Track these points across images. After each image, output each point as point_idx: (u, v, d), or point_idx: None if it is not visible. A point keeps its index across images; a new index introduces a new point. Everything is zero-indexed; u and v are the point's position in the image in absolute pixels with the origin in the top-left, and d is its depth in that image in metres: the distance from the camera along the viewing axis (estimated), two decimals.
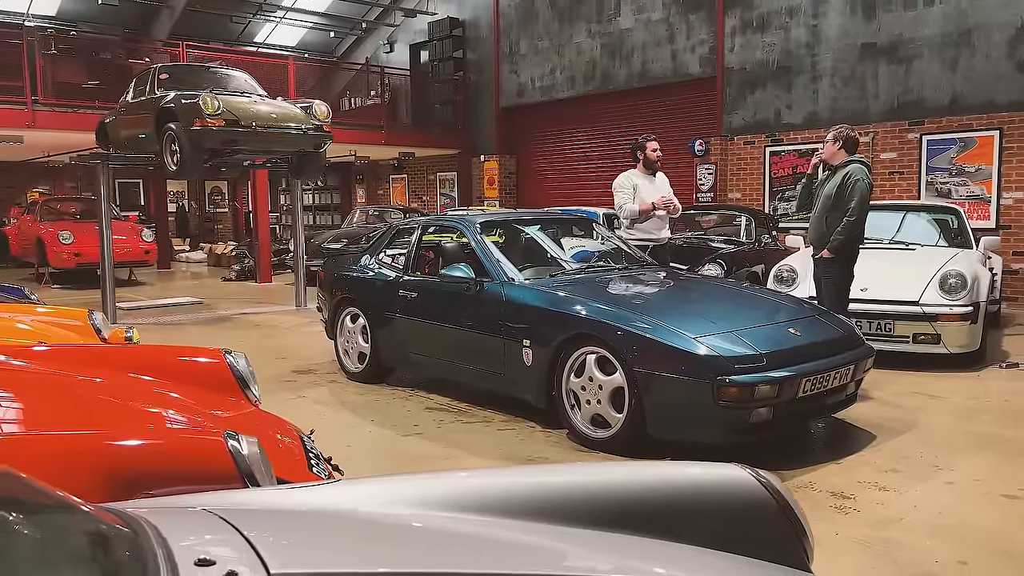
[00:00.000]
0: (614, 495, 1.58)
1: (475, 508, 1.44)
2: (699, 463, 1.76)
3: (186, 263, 19.82)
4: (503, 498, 1.48)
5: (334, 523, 1.25)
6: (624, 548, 1.46)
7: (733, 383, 3.97)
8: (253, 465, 2.06)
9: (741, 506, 1.64)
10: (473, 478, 1.60)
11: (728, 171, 12.60)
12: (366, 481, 1.54)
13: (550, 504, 1.50)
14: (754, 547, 1.60)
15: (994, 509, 3.59)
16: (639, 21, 13.75)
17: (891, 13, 10.69)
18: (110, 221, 9.93)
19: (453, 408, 5.40)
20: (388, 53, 19.12)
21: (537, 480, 1.61)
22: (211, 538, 1.13)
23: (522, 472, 1.78)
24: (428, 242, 6.32)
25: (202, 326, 9.31)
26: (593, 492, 1.59)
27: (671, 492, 1.65)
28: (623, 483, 1.65)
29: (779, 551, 1.62)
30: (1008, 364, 6.59)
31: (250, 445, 2.10)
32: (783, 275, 7.13)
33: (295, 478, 2.45)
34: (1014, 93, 9.71)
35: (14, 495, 1.10)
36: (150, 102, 9.37)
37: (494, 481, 1.56)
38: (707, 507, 1.63)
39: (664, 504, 1.61)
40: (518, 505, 1.48)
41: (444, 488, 1.49)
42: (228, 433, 2.11)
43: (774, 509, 1.64)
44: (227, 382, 3.16)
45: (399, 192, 19.45)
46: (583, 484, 1.61)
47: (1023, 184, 9.74)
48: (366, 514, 1.33)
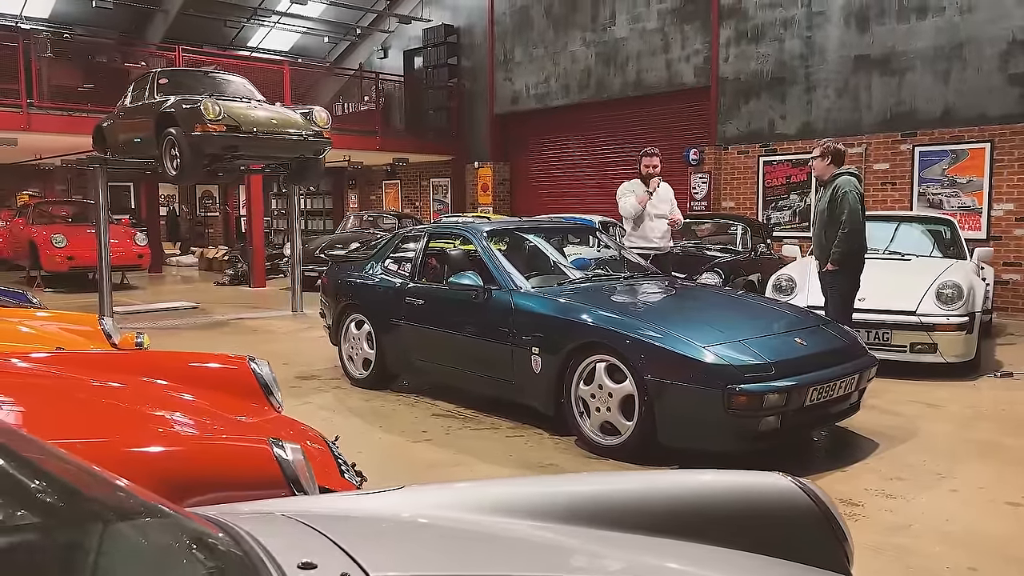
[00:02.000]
0: (667, 502, 1.63)
1: (535, 514, 1.49)
2: (742, 471, 1.82)
3: (177, 267, 19.75)
4: (564, 505, 1.53)
5: (413, 528, 1.29)
6: (682, 553, 1.52)
7: (743, 392, 4.03)
8: (298, 471, 2.10)
9: (785, 512, 1.69)
10: (531, 486, 1.65)
11: (722, 180, 12.72)
12: (429, 488, 1.59)
13: (607, 511, 1.55)
14: (798, 552, 1.66)
15: (999, 517, 3.67)
16: (634, 30, 13.87)
17: (884, 26, 10.85)
18: (107, 225, 9.90)
19: (460, 415, 5.44)
20: (382, 59, 19.16)
21: (593, 488, 1.66)
22: (303, 542, 1.18)
23: (578, 480, 1.83)
24: (433, 249, 6.36)
25: (199, 331, 9.30)
26: (647, 499, 1.64)
27: (718, 499, 1.70)
28: (673, 490, 1.70)
29: (822, 555, 1.68)
30: (1002, 373, 6.71)
31: (294, 452, 2.14)
32: (782, 284, 7.22)
33: (331, 484, 2.49)
34: (1005, 106, 9.88)
35: (116, 502, 1.14)
36: (149, 106, 9.38)
37: (553, 489, 1.61)
38: (753, 513, 1.69)
39: (713, 511, 1.67)
40: (579, 511, 1.53)
41: (506, 495, 1.54)
42: (273, 440, 2.15)
43: (817, 515, 1.70)
44: (251, 388, 3.19)
45: (392, 198, 19.47)
46: (636, 492, 1.66)
47: (1014, 196, 9.90)
48: (437, 520, 1.38)
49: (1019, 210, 9.89)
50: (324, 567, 1.09)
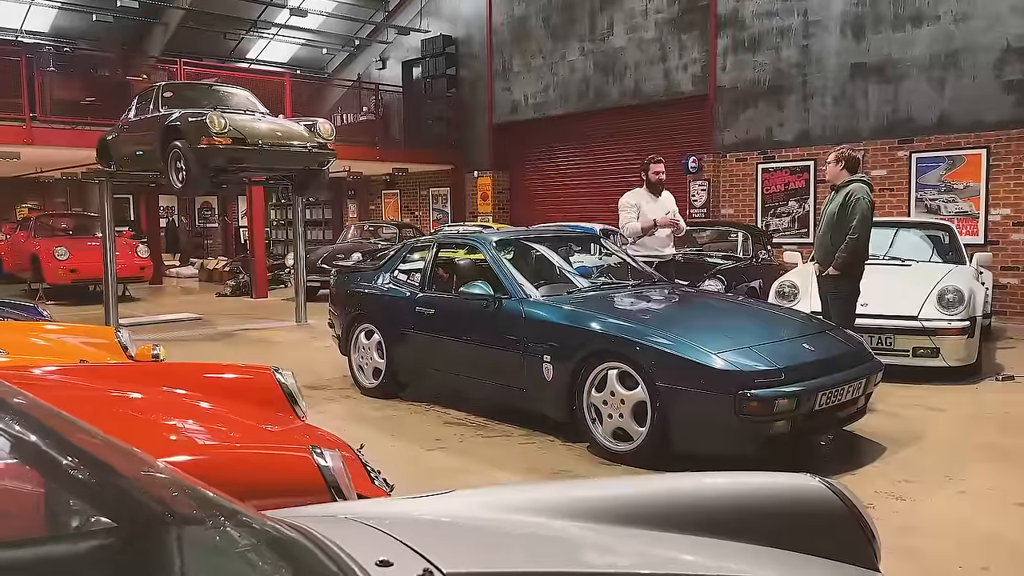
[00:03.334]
0: (702, 502, 1.71)
1: (579, 515, 1.56)
2: (773, 473, 1.89)
3: (177, 278, 19.78)
4: (606, 506, 1.60)
5: (472, 528, 1.36)
6: (720, 552, 1.59)
7: (754, 397, 4.11)
8: (339, 478, 2.17)
9: (816, 511, 1.77)
10: (572, 489, 1.72)
11: (721, 187, 12.83)
12: (477, 492, 1.66)
13: (646, 511, 1.62)
14: (829, 550, 1.74)
15: (1008, 517, 3.74)
16: (632, 40, 13.99)
17: (880, 34, 10.98)
18: (113, 238, 9.96)
19: (471, 422, 5.51)
20: (380, 70, 19.27)
21: (630, 490, 1.73)
22: (374, 542, 1.25)
23: (615, 483, 1.90)
24: (441, 259, 6.43)
25: (206, 342, 9.35)
26: (683, 499, 1.72)
27: (752, 499, 1.78)
28: (708, 491, 1.78)
29: (852, 553, 1.75)
30: (1004, 377, 6.80)
31: (334, 458, 2.21)
32: (784, 290, 7.31)
33: (363, 490, 2.56)
34: (1001, 113, 10.00)
35: (196, 505, 1.21)
36: (154, 120, 9.44)
37: (594, 492, 1.68)
38: (786, 513, 1.76)
39: (746, 510, 1.74)
40: (619, 512, 1.60)
41: (551, 498, 1.61)
42: (313, 448, 2.22)
43: (845, 514, 1.78)
44: (276, 398, 3.26)
45: (391, 207, 19.55)
46: (673, 492, 1.74)
47: (1010, 201, 10.02)
48: (492, 520, 1.45)
49: (1016, 215, 10.00)
50: (400, 565, 1.16)
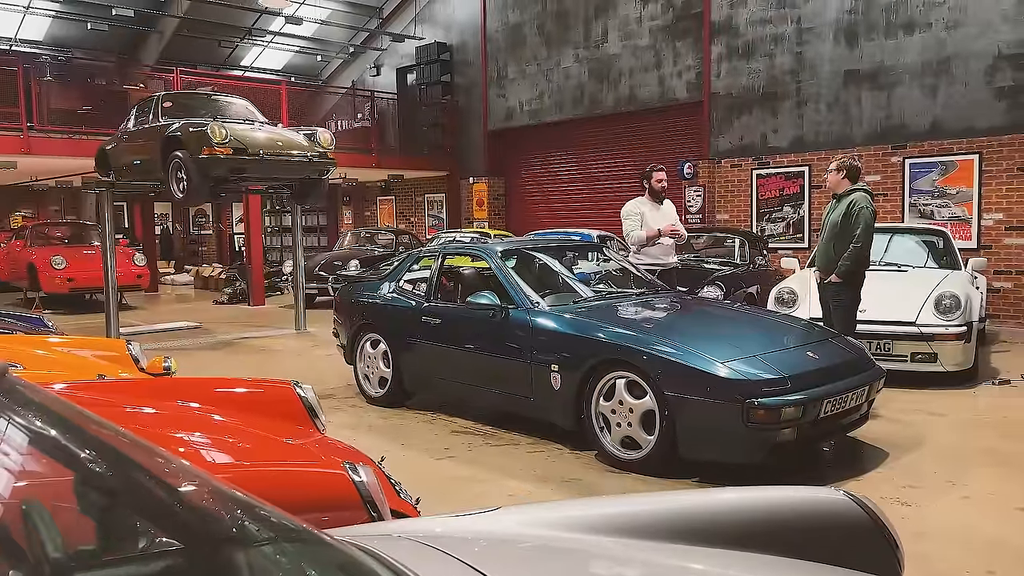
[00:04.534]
0: (737, 517, 1.77)
1: (622, 531, 1.62)
2: (800, 487, 1.96)
3: (172, 286, 19.75)
4: (645, 522, 1.67)
5: (533, 548, 1.42)
6: (753, 566, 1.66)
7: (762, 405, 4.18)
8: (373, 493, 2.22)
9: (842, 524, 1.84)
10: (611, 506, 1.78)
11: (716, 193, 12.93)
12: (523, 509, 1.72)
13: (684, 527, 1.69)
14: (855, 561, 1.80)
15: (1012, 522, 3.83)
16: (626, 47, 14.10)
17: (873, 41, 11.11)
18: (114, 247, 9.98)
19: (478, 431, 5.56)
20: (375, 76, 19.33)
21: (666, 506, 1.79)
22: (441, 564, 1.30)
23: (649, 499, 1.96)
24: (446, 269, 6.48)
25: (208, 351, 9.37)
26: (720, 515, 1.78)
27: (781, 513, 1.84)
28: (739, 505, 1.84)
29: (877, 564, 1.82)
30: (1000, 381, 6.90)
31: (367, 473, 2.27)
32: (784, 297, 7.39)
33: (392, 504, 2.61)
34: (992, 119, 10.13)
35: (267, 525, 1.26)
36: (154, 130, 9.48)
37: (632, 508, 1.75)
38: (813, 526, 1.83)
39: (775, 524, 1.81)
40: (658, 528, 1.66)
41: (597, 513, 1.68)
42: (347, 463, 2.28)
43: (871, 526, 1.85)
44: (297, 411, 3.31)
45: (387, 214, 19.59)
46: (712, 508, 1.80)
47: (1002, 206, 10.15)
48: (547, 539, 1.51)
49: (1008, 219, 10.13)
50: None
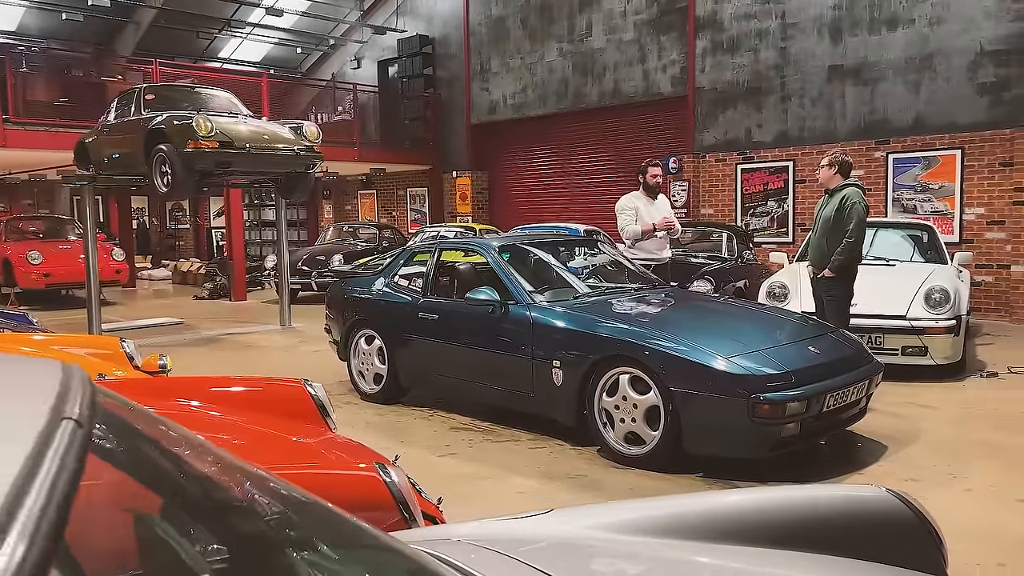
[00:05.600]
0: (788, 516, 1.77)
1: (677, 532, 1.61)
2: (845, 485, 1.96)
3: (149, 281, 19.49)
4: (696, 523, 1.66)
5: (598, 551, 1.40)
6: (807, 566, 1.65)
7: (767, 400, 4.19)
8: (405, 493, 2.19)
9: (888, 521, 1.84)
10: (666, 506, 1.76)
11: (701, 188, 12.98)
12: (576, 511, 1.70)
13: (740, 526, 1.68)
14: (902, 558, 1.81)
15: (1016, 513, 3.87)
16: (611, 41, 14.09)
17: (857, 37, 11.20)
18: (96, 242, 9.80)
19: (478, 427, 5.54)
20: (355, 69, 19.17)
21: (715, 506, 1.79)
22: (505, 567, 1.28)
23: (696, 499, 1.94)
24: (442, 264, 6.44)
25: (193, 348, 9.25)
26: (771, 514, 1.77)
27: (828, 511, 1.84)
28: (786, 505, 1.84)
29: (922, 560, 1.82)
30: (988, 373, 6.99)
31: (398, 474, 2.24)
32: (775, 291, 7.43)
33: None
34: (974, 114, 10.26)
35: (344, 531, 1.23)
36: (136, 123, 9.31)
37: (683, 510, 1.73)
38: (860, 523, 1.83)
39: (824, 522, 1.81)
40: (710, 528, 1.65)
41: (647, 515, 1.66)
42: (378, 464, 2.24)
43: (915, 522, 1.85)
44: (309, 410, 3.26)
45: (368, 208, 19.46)
46: (761, 507, 1.79)
47: (984, 200, 10.29)
48: (609, 542, 1.49)
49: (989, 214, 10.28)
50: None
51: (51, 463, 0.59)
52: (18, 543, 0.53)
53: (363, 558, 1.22)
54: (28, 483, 0.56)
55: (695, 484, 4.38)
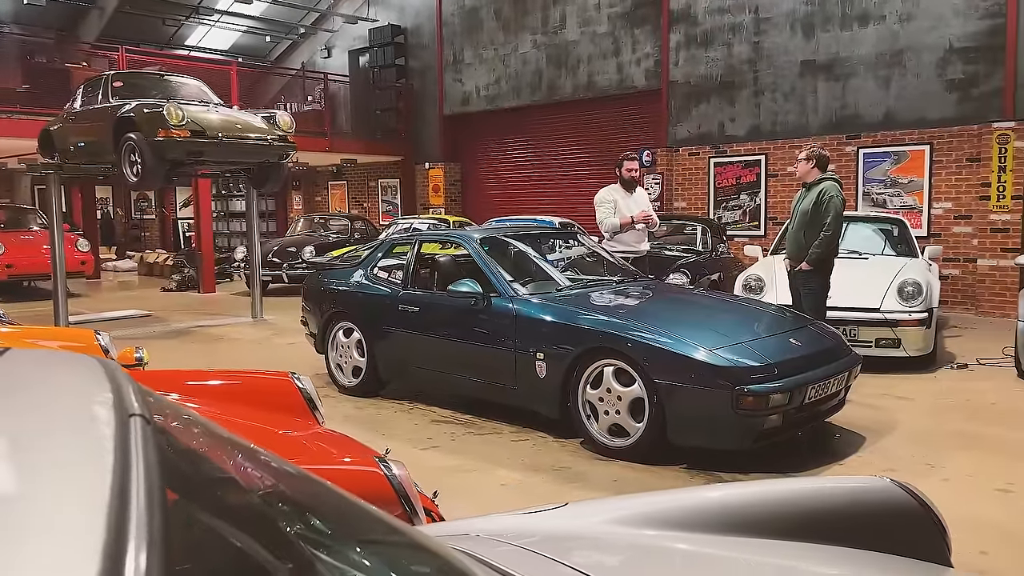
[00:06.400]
0: (796, 508, 1.77)
1: (700, 526, 1.60)
2: (849, 477, 1.97)
3: (114, 272, 19.11)
4: (711, 515, 1.65)
5: (618, 546, 1.39)
6: (820, 557, 1.65)
7: (751, 392, 4.22)
8: (407, 487, 2.16)
9: (894, 511, 1.85)
10: (672, 501, 1.76)
11: (674, 181, 13.05)
12: (590, 505, 1.68)
13: (752, 518, 1.68)
14: (906, 547, 1.82)
15: (993, 502, 3.95)
16: (585, 33, 14.08)
17: (829, 33, 11.31)
18: (62, 232, 9.59)
19: (459, 420, 5.51)
20: (326, 58, 18.95)
21: (730, 498, 1.78)
22: (540, 567, 1.26)
23: (707, 491, 1.94)
24: (423, 256, 6.38)
25: (164, 341, 9.08)
26: (773, 506, 1.77)
27: (835, 503, 1.85)
28: (794, 497, 1.84)
29: (926, 549, 1.84)
30: (958, 365, 7.12)
31: (399, 468, 2.21)
32: (751, 284, 7.48)
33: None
34: (943, 110, 10.43)
35: (360, 527, 1.20)
36: (104, 111, 9.11)
37: (693, 503, 1.73)
38: (864, 513, 1.84)
39: (831, 514, 1.82)
40: (725, 520, 1.65)
41: (660, 508, 1.65)
42: (379, 458, 2.21)
43: (920, 513, 1.87)
44: (297, 404, 3.22)
45: (339, 199, 19.27)
46: (771, 499, 1.79)
47: (952, 195, 10.47)
48: (627, 536, 1.48)
49: (956, 208, 10.46)
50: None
51: (138, 463, 0.56)
52: (139, 552, 0.50)
53: (390, 553, 1.19)
54: (126, 487, 0.53)
55: (679, 476, 4.41)
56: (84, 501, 0.52)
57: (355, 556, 1.07)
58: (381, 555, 1.13)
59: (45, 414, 0.64)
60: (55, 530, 0.51)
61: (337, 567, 1.04)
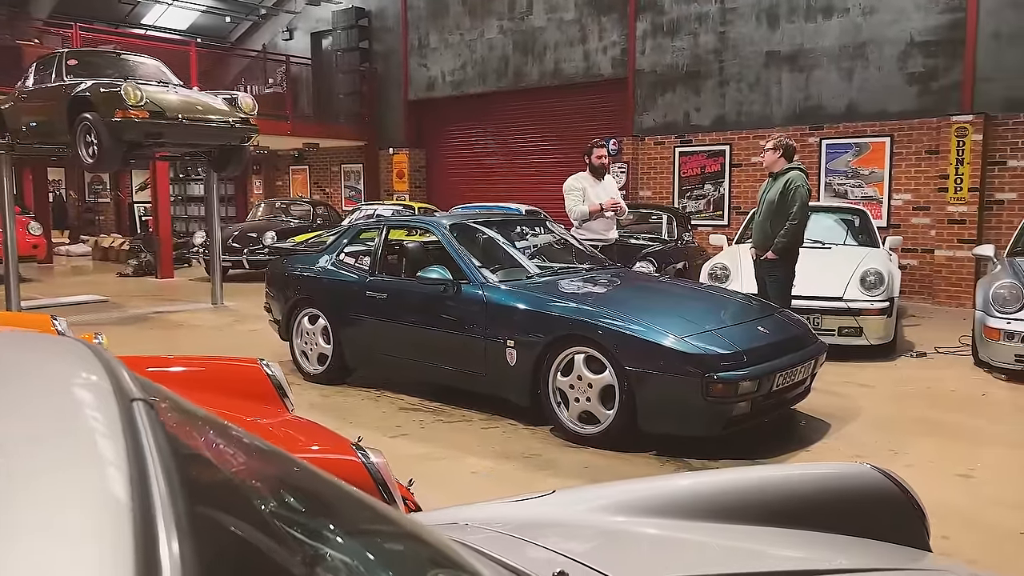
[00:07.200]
0: (775, 494, 1.77)
1: (684, 513, 1.59)
2: (831, 463, 1.97)
3: (67, 257, 18.62)
4: (703, 502, 1.64)
5: (607, 533, 1.36)
6: (801, 542, 1.65)
7: (720, 380, 4.25)
8: (384, 474, 2.12)
9: (875, 497, 1.86)
10: (657, 488, 1.74)
11: (639, 170, 13.09)
12: (577, 492, 1.66)
13: (734, 505, 1.68)
14: (886, 532, 1.83)
15: (954, 487, 4.03)
16: (552, 20, 14.02)
17: (794, 24, 11.41)
18: (14, 216, 9.30)
19: (427, 408, 5.46)
20: (287, 40, 18.61)
21: (721, 485, 1.78)
22: (529, 552, 1.23)
23: (699, 479, 1.93)
24: (390, 242, 6.30)
25: (122, 327, 8.86)
26: (757, 493, 1.77)
27: (813, 489, 1.85)
28: (776, 483, 1.84)
29: (906, 534, 1.86)
30: (917, 353, 7.27)
31: (377, 455, 2.16)
32: (717, 272, 7.54)
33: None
34: (904, 103, 10.60)
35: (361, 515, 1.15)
36: (59, 89, 8.84)
37: (680, 490, 1.71)
38: (845, 499, 1.85)
39: (808, 499, 1.82)
40: (713, 507, 1.64)
41: (646, 495, 1.63)
42: (355, 445, 2.16)
43: (900, 498, 1.88)
44: (266, 391, 3.15)
45: (300, 184, 18.99)
46: (744, 487, 1.79)
47: (911, 187, 10.66)
48: (615, 524, 1.46)
49: (915, 200, 10.66)
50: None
51: (151, 450, 0.51)
52: (170, 540, 0.46)
53: (382, 542, 1.15)
54: (145, 475, 0.49)
55: (648, 462, 4.42)
56: (105, 493, 0.48)
57: (350, 544, 1.03)
58: (374, 543, 1.09)
59: (45, 403, 0.59)
60: (80, 530, 0.47)
61: (338, 557, 1.00)
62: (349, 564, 0.92)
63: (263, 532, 0.74)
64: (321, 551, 0.90)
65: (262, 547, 0.71)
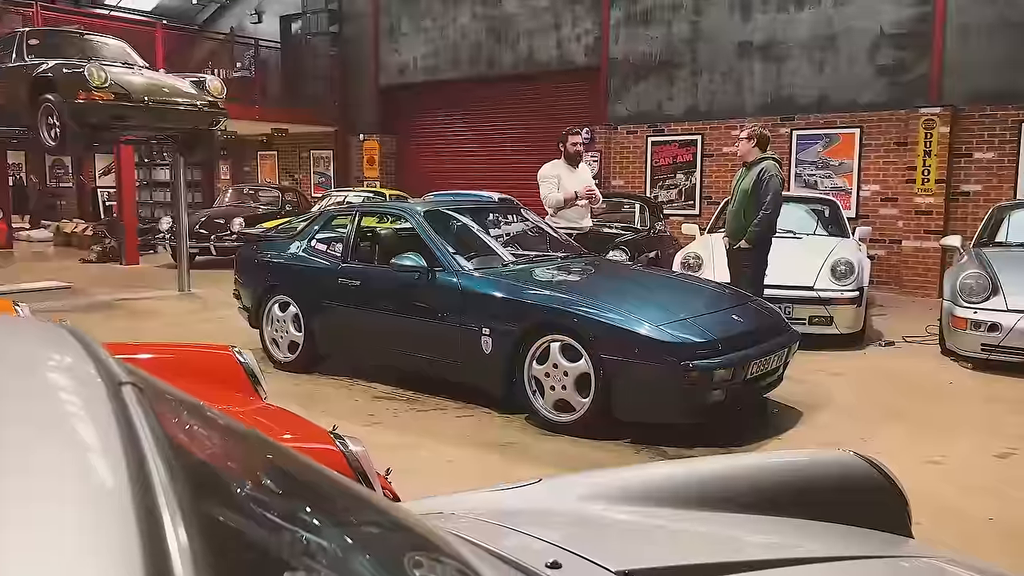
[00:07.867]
0: (758, 481, 1.76)
1: (670, 501, 1.57)
2: (813, 450, 1.97)
3: (28, 243, 18.19)
4: (692, 489, 1.63)
5: (595, 521, 1.34)
6: (789, 530, 1.65)
7: (696, 368, 4.26)
8: (364, 463, 2.08)
9: (857, 484, 1.86)
10: (642, 476, 1.73)
11: (612, 159, 13.09)
12: (564, 480, 1.63)
13: (708, 492, 1.67)
14: (869, 519, 1.84)
15: (924, 474, 4.08)
16: (525, 7, 13.94)
17: (766, 15, 11.46)
18: None
19: (401, 396, 5.42)
20: (256, 23, 18.30)
21: (691, 474, 1.76)
22: (520, 542, 1.20)
23: (687, 467, 1.92)
24: (364, 229, 6.23)
25: (87, 314, 8.68)
26: (741, 480, 1.76)
27: (796, 475, 1.85)
28: (760, 471, 1.83)
29: (889, 520, 1.86)
30: (886, 343, 7.37)
31: (356, 444, 2.12)
32: (689, 262, 7.56)
33: None
34: (873, 94, 10.71)
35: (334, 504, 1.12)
36: (19, 70, 8.61)
37: (673, 478, 1.70)
38: (828, 486, 1.85)
39: (791, 486, 1.82)
40: (701, 495, 1.63)
41: (634, 484, 1.62)
42: (333, 434, 2.12)
43: (883, 484, 1.89)
44: (238, 378, 3.09)
45: (268, 169, 18.73)
46: (727, 474, 1.78)
47: (879, 178, 10.79)
48: (605, 511, 1.44)
49: (884, 191, 10.79)
50: (567, 566, 1.13)
51: (146, 434, 0.48)
52: (176, 525, 0.42)
53: (365, 529, 1.11)
54: (142, 459, 0.45)
55: (623, 450, 4.42)
56: (104, 481, 0.44)
57: (337, 531, 0.99)
58: (361, 530, 1.05)
59: (28, 388, 0.55)
60: (80, 521, 0.43)
61: (323, 545, 0.96)
62: (336, 548, 0.89)
63: (256, 518, 0.70)
64: (311, 537, 0.87)
65: (258, 532, 0.68)
